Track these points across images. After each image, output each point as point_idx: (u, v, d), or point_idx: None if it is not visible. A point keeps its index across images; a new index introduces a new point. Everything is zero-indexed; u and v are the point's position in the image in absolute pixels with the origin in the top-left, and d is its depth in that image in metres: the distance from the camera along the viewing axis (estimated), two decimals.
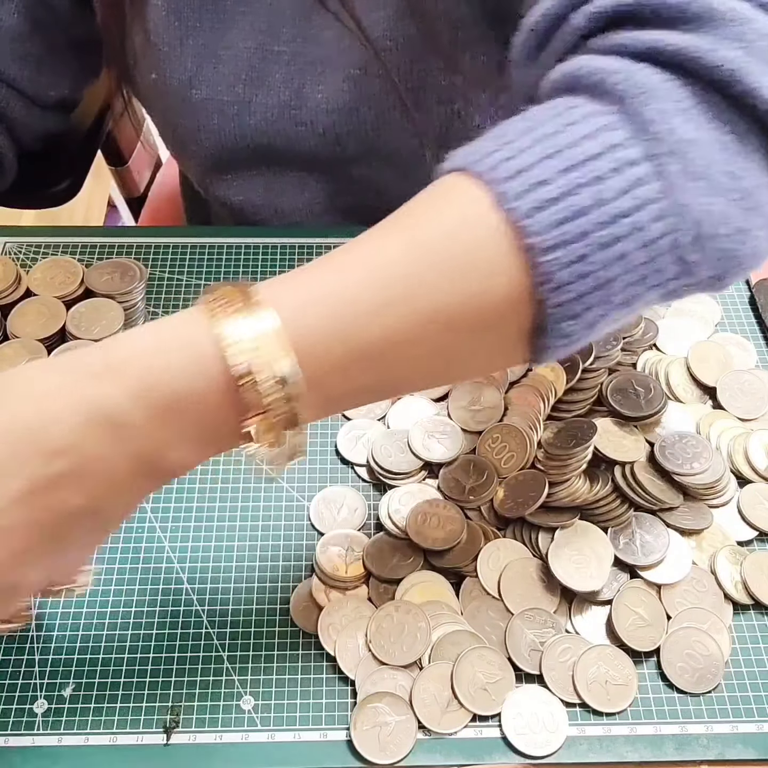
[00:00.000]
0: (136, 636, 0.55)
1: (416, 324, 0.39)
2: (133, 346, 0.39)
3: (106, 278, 0.66)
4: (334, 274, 0.39)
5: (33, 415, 0.38)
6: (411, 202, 0.41)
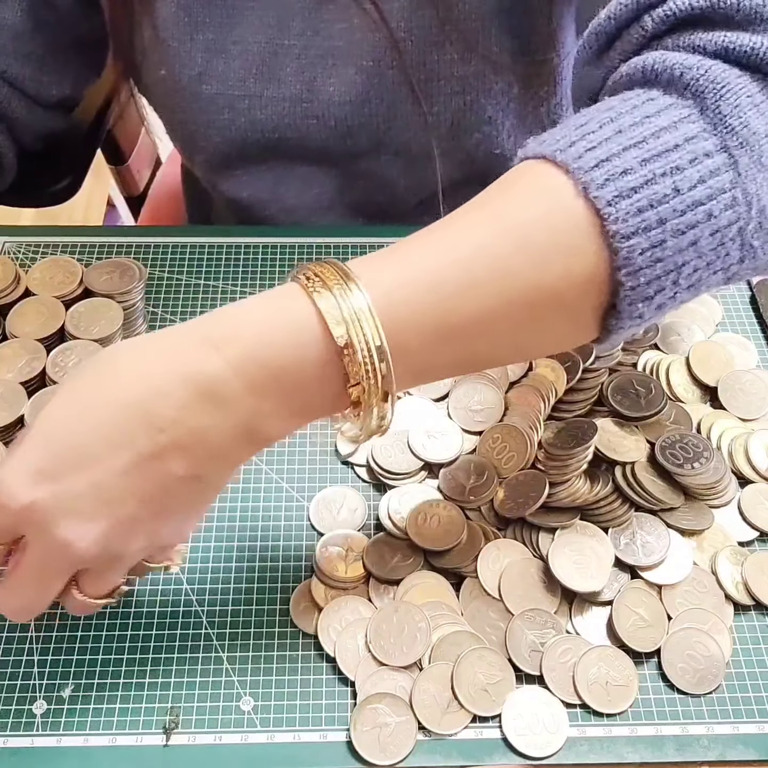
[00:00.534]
0: (136, 636, 0.55)
1: (500, 304, 0.41)
2: (236, 321, 0.41)
3: (106, 278, 0.66)
4: (424, 255, 0.41)
5: (142, 390, 0.40)
6: (495, 186, 0.43)
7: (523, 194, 0.42)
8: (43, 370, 0.60)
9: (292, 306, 0.40)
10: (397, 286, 0.40)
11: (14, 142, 0.74)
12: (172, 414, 0.40)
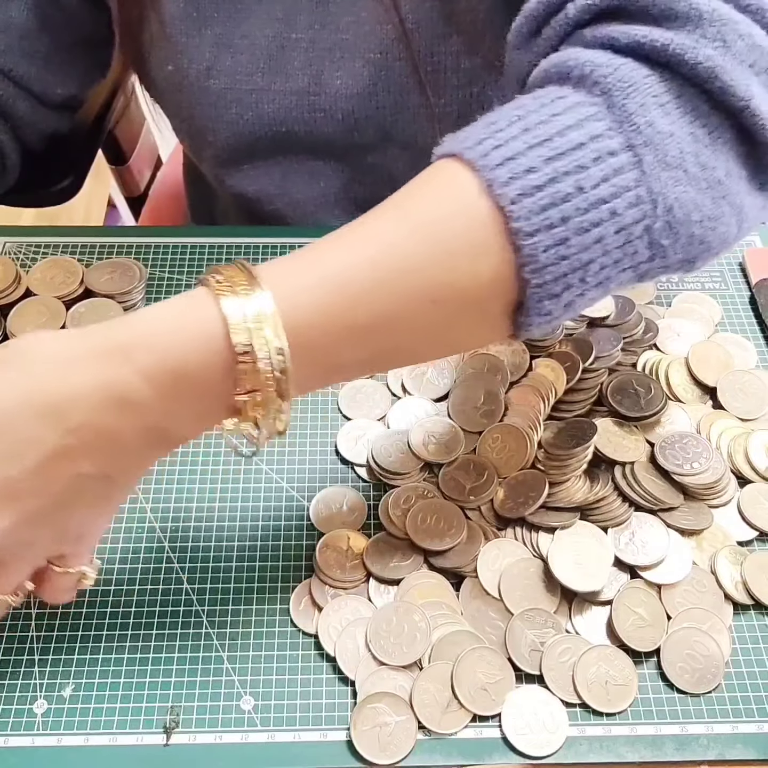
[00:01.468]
0: (136, 636, 0.55)
1: (407, 303, 0.42)
2: (148, 328, 0.41)
3: (106, 278, 0.66)
4: (333, 255, 0.42)
5: (54, 392, 0.40)
6: (409, 184, 0.44)
7: (433, 193, 0.43)
8: None
9: (199, 312, 0.40)
10: (303, 288, 0.41)
11: (18, 142, 0.74)
12: (82, 417, 0.40)
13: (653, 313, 0.70)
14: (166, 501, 0.61)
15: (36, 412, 0.40)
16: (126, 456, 0.43)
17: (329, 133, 0.71)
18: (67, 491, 0.42)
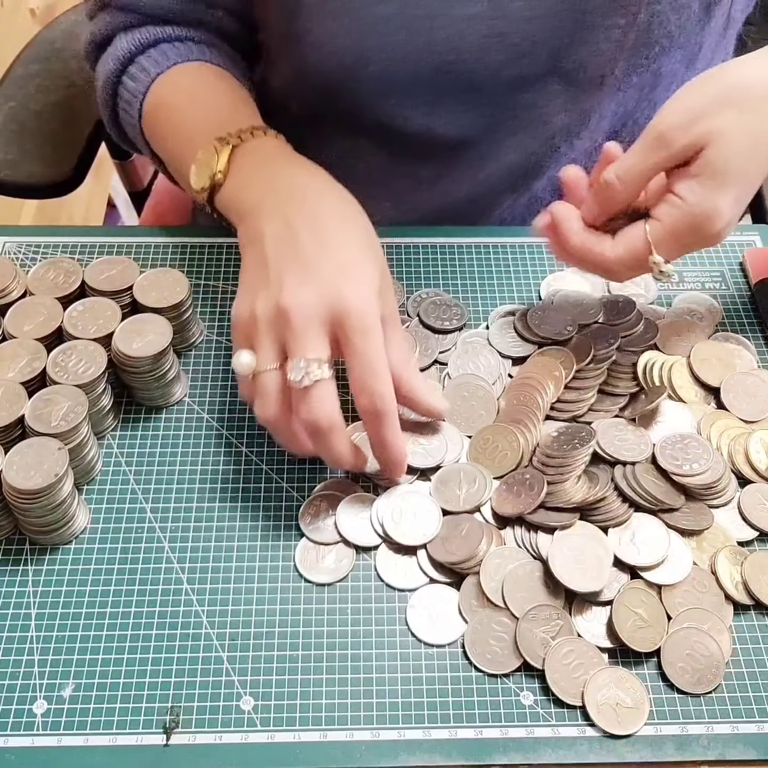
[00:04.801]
0: (136, 636, 0.55)
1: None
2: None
3: (104, 277, 0.66)
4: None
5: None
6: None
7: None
8: (44, 370, 0.60)
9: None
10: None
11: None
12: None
13: (653, 313, 0.70)
14: (166, 501, 0.61)
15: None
16: None
17: (499, 61, 0.69)
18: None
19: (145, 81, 0.71)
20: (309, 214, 0.58)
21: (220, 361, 0.68)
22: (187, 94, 0.71)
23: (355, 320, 0.54)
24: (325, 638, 0.55)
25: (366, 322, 0.54)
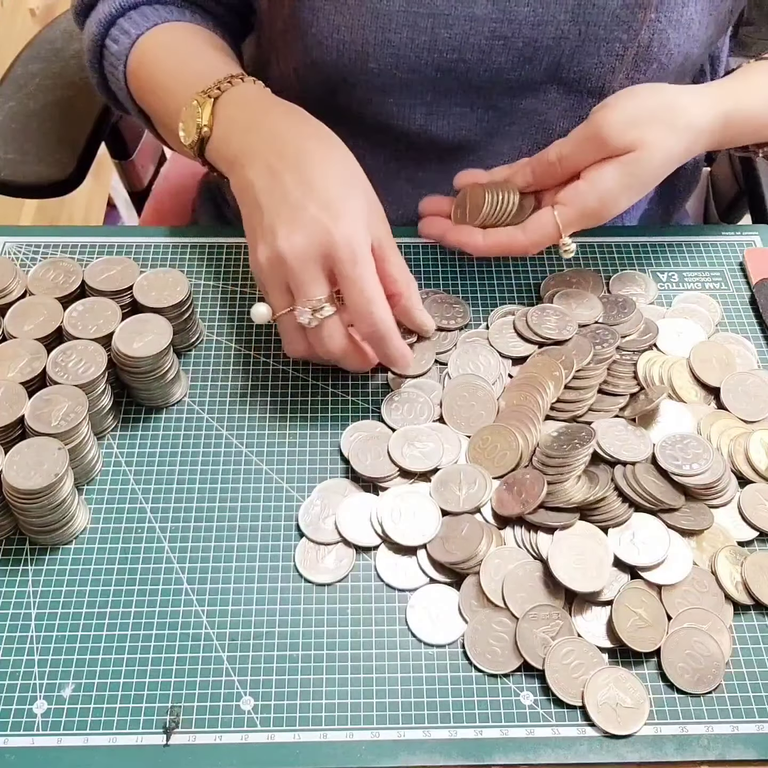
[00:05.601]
0: (136, 636, 0.55)
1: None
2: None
3: (104, 277, 0.66)
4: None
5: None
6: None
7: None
8: (44, 370, 0.60)
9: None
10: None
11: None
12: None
13: (653, 313, 0.70)
14: (166, 501, 0.61)
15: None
16: None
17: (500, 63, 0.70)
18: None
19: (127, 43, 0.73)
20: (291, 158, 0.61)
21: (220, 361, 0.68)
22: (166, 51, 0.72)
23: (343, 252, 0.57)
24: (325, 638, 0.55)
25: (355, 252, 0.57)
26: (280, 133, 0.63)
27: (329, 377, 0.67)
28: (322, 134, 0.63)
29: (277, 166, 0.61)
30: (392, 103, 0.73)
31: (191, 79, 0.68)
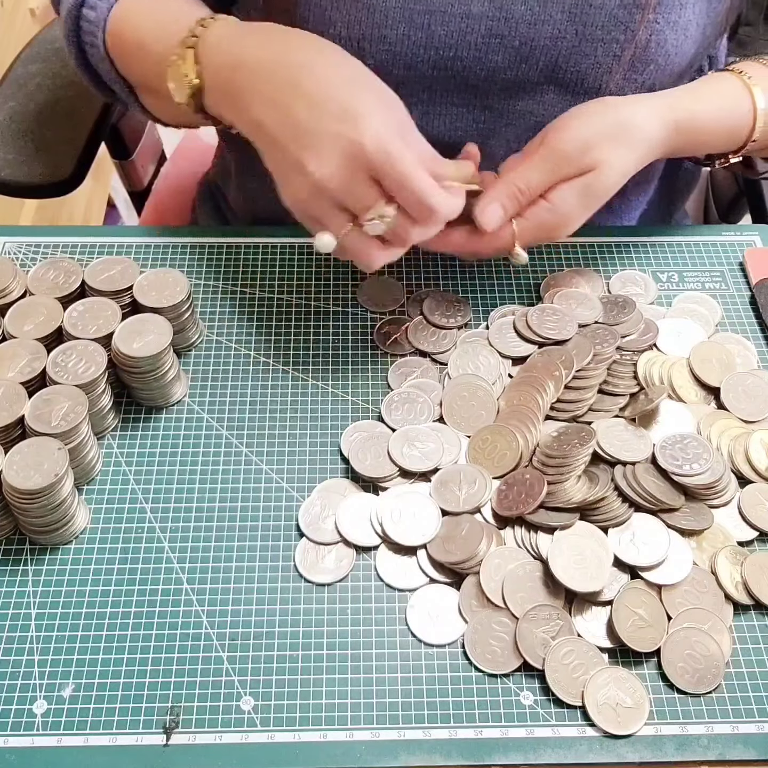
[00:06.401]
0: (136, 636, 0.55)
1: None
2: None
3: (104, 277, 0.66)
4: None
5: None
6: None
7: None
8: (44, 370, 0.60)
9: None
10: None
11: None
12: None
13: (653, 313, 0.70)
14: (166, 501, 0.61)
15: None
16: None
17: (496, 62, 0.70)
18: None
19: (104, 8, 0.71)
20: (288, 83, 0.59)
21: (220, 361, 0.68)
22: (144, 10, 0.71)
23: (376, 156, 0.56)
24: (325, 638, 0.55)
25: (388, 151, 0.56)
26: (266, 59, 0.61)
27: (329, 377, 0.67)
28: (306, 43, 0.62)
29: (278, 96, 0.59)
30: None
31: (165, 33, 0.66)
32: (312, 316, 0.70)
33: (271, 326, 0.69)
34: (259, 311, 0.71)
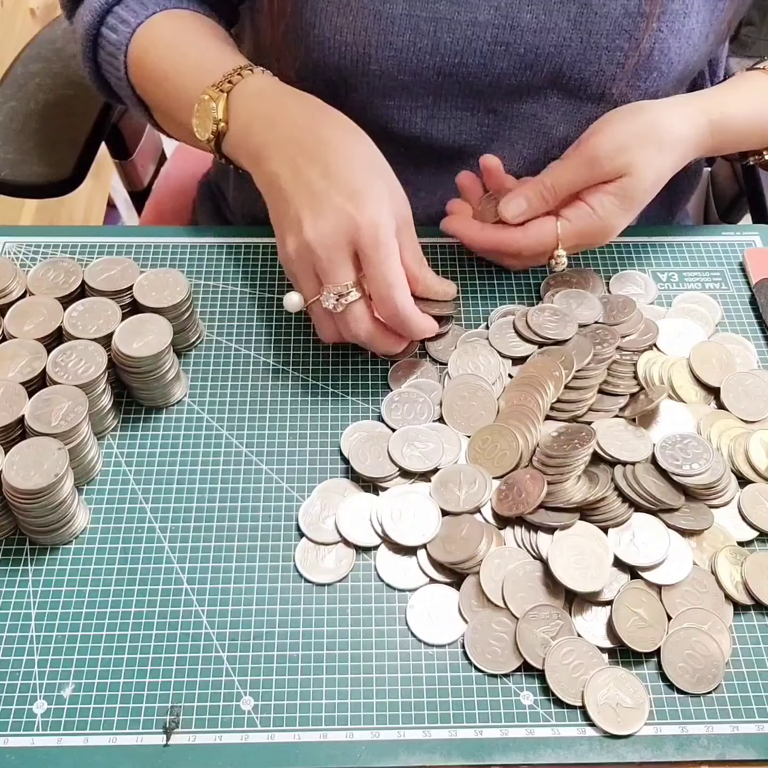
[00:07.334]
0: (136, 636, 0.55)
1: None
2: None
3: (104, 277, 0.66)
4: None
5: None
6: None
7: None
8: (44, 370, 0.60)
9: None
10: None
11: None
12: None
13: (653, 313, 0.70)
14: (166, 501, 0.61)
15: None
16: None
17: (501, 68, 0.70)
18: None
19: (126, 32, 0.72)
20: (312, 150, 0.62)
21: (220, 361, 0.68)
22: (170, 41, 0.72)
23: (367, 237, 0.59)
24: (325, 638, 0.55)
25: (378, 237, 0.59)
26: (299, 124, 0.64)
27: (329, 377, 0.67)
28: (339, 122, 0.64)
29: (300, 159, 0.62)
30: (393, 106, 0.74)
31: (200, 73, 0.68)
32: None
33: (271, 326, 0.69)
34: (259, 311, 0.71)
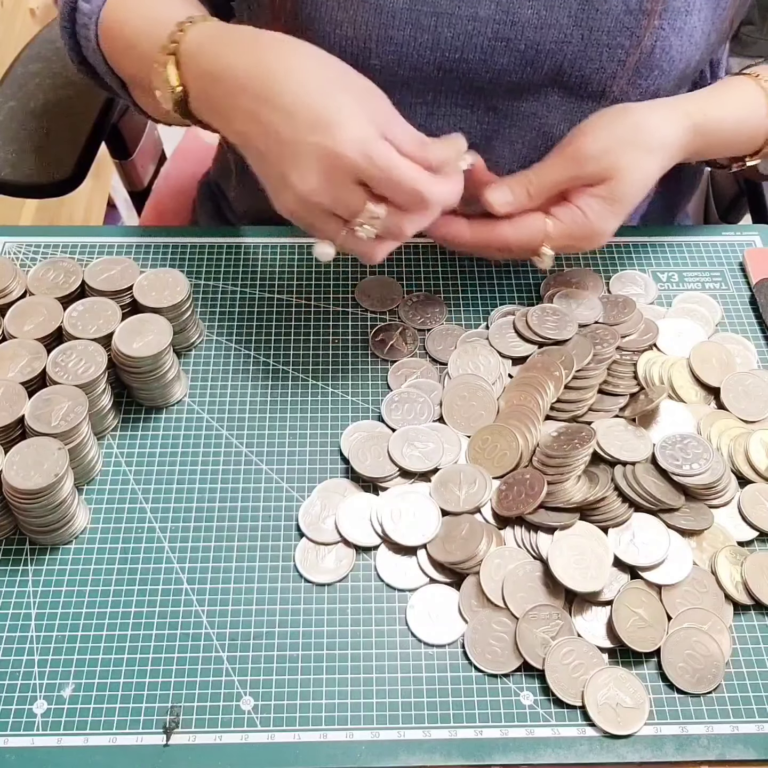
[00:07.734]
0: (136, 636, 0.55)
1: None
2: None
3: (104, 277, 0.66)
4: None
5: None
6: None
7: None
8: (44, 370, 0.60)
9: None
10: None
11: None
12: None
13: (653, 313, 0.70)
14: (166, 501, 0.61)
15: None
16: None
17: (502, 64, 0.70)
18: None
19: (98, 1, 0.70)
20: (261, 94, 0.59)
21: (220, 361, 0.68)
22: (129, 4, 0.70)
23: (356, 161, 0.56)
24: (325, 638, 0.55)
25: (366, 152, 0.56)
26: (242, 71, 0.60)
27: (329, 377, 0.67)
28: (272, 45, 0.61)
29: (255, 108, 0.59)
30: (393, 102, 0.73)
31: (151, 33, 0.65)
32: (312, 316, 0.70)
33: (271, 326, 0.69)
34: (259, 311, 0.71)
